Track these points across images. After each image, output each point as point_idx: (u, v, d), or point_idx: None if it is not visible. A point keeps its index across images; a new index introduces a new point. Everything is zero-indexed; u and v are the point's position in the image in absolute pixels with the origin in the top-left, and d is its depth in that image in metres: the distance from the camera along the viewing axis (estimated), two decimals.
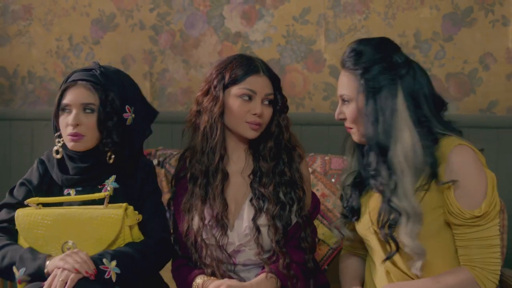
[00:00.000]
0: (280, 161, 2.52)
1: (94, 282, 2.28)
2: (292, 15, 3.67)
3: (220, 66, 2.55)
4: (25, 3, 3.92)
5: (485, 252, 2.21)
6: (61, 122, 2.52)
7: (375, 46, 2.36)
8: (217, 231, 2.43)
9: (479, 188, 2.22)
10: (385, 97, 2.26)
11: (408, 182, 2.22)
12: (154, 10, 3.80)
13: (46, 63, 3.94)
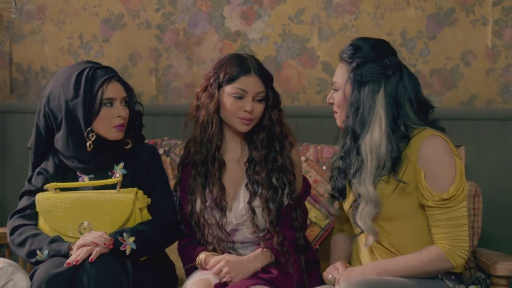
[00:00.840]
0: (272, 149, 2.70)
1: (108, 255, 2.49)
2: (287, 15, 3.77)
3: (217, 66, 2.73)
4: (39, 3, 4.01)
5: (454, 231, 2.39)
6: (104, 115, 2.66)
7: (372, 45, 2.54)
8: (217, 212, 2.65)
9: (448, 174, 2.40)
10: (368, 92, 2.45)
11: (368, 170, 2.41)
12: (159, 10, 3.90)
13: (58, 59, 4.03)
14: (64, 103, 2.66)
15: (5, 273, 2.42)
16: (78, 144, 2.68)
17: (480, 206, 2.94)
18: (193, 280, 2.56)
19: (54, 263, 2.52)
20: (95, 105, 2.64)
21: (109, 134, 2.67)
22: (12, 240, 2.66)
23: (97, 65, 2.74)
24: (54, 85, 2.73)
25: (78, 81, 2.67)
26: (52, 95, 2.70)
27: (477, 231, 2.92)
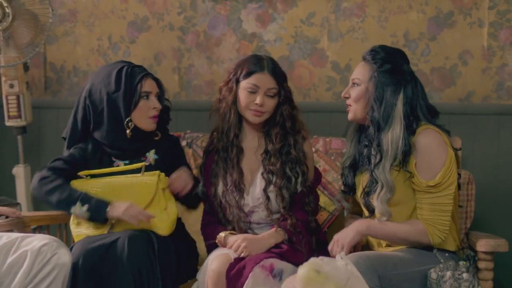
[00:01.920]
0: (286, 143, 2.93)
1: (138, 233, 2.76)
2: (299, 18, 3.90)
3: (238, 64, 2.97)
4: (70, 7, 4.15)
5: (436, 215, 2.65)
6: (141, 106, 2.91)
7: (391, 51, 2.80)
8: (236, 194, 2.91)
9: (436, 164, 2.65)
10: (390, 92, 2.71)
11: (388, 161, 2.68)
12: (181, 13, 4.03)
13: (88, 59, 4.18)
14: (106, 95, 2.90)
15: (51, 247, 2.63)
16: (118, 132, 2.93)
17: (473, 192, 3.12)
18: (215, 255, 2.81)
19: (90, 240, 2.80)
20: (134, 98, 2.90)
21: (145, 124, 2.93)
22: (40, 187, 2.87)
23: (132, 64, 2.99)
24: (94, 81, 2.96)
25: (118, 77, 2.91)
26: (94, 89, 2.94)
27: (470, 215, 3.11)
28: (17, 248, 2.66)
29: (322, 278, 1.97)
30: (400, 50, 2.87)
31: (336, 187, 3.34)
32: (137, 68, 2.98)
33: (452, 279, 2.57)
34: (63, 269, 2.65)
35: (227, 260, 2.73)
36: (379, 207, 2.69)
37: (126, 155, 2.97)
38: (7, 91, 3.85)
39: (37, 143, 4.23)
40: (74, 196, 2.84)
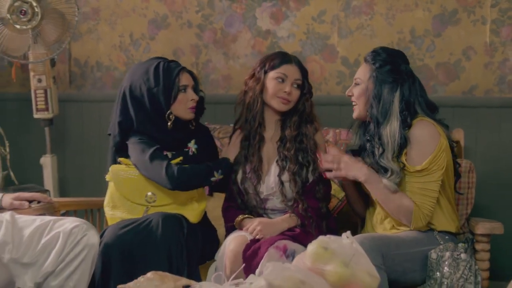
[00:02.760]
0: (301, 132, 3.12)
1: (171, 217, 2.96)
2: (311, 16, 4.04)
3: (263, 59, 3.17)
4: (94, 6, 4.31)
5: (423, 199, 2.83)
6: (180, 99, 3.07)
7: (391, 53, 2.99)
8: (254, 180, 3.10)
9: (426, 151, 2.82)
10: (388, 90, 2.89)
11: (389, 152, 2.87)
12: (199, 11, 4.18)
13: (111, 55, 4.33)
14: (146, 91, 3.06)
15: (81, 229, 2.84)
16: (160, 125, 3.09)
17: (473, 180, 3.28)
18: (232, 236, 3.02)
19: (124, 222, 3.00)
20: (173, 92, 3.06)
21: (185, 115, 3.11)
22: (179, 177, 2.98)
23: (166, 59, 3.15)
24: (132, 78, 3.11)
25: (156, 73, 3.07)
26: (133, 86, 3.09)
27: (470, 201, 3.27)
28: (50, 229, 2.87)
29: (329, 254, 2.17)
30: (400, 51, 3.05)
31: None
32: (173, 63, 3.14)
33: (450, 259, 2.76)
34: (92, 249, 2.86)
35: (244, 241, 2.93)
36: (387, 184, 2.86)
37: (170, 146, 3.13)
38: (35, 86, 4.02)
39: (62, 134, 4.41)
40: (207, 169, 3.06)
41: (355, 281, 2.17)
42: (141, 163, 3.07)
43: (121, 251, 2.92)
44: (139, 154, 3.07)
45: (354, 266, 2.18)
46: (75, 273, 2.83)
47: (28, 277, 2.83)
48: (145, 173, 3.08)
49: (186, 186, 3.06)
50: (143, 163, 3.06)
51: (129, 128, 3.13)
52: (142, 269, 2.55)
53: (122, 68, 4.34)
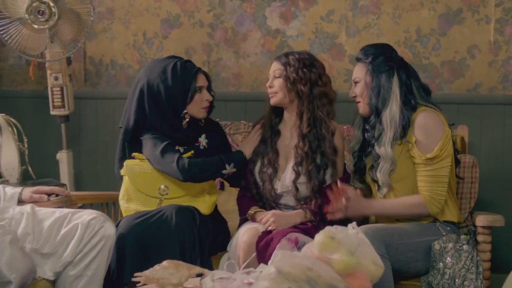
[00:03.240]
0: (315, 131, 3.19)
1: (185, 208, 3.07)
2: (319, 15, 4.13)
3: None
4: (108, 6, 4.41)
5: (434, 186, 2.95)
6: (196, 99, 3.19)
7: (379, 46, 3.12)
8: (271, 172, 3.21)
9: (434, 139, 2.94)
10: (385, 78, 3.02)
11: (388, 135, 2.98)
12: (211, 11, 4.27)
13: (125, 53, 4.43)
14: (164, 90, 3.17)
15: (98, 221, 2.96)
16: (175, 123, 3.22)
17: (477, 175, 3.37)
18: (245, 228, 3.12)
19: (139, 214, 3.12)
20: (190, 92, 3.19)
21: (198, 114, 3.24)
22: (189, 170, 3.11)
23: (181, 59, 3.26)
24: (150, 76, 3.21)
25: (174, 73, 3.18)
26: (151, 84, 3.19)
27: (474, 195, 3.36)
28: (69, 221, 2.99)
29: (336, 243, 2.28)
30: (386, 44, 3.18)
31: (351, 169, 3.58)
32: (188, 63, 3.26)
33: (453, 250, 2.87)
34: (109, 240, 2.99)
35: (256, 233, 3.04)
36: (381, 179, 3.00)
37: (182, 142, 3.24)
38: (52, 83, 4.14)
39: (77, 130, 4.51)
40: (218, 162, 3.18)
41: (360, 269, 2.28)
42: (154, 157, 3.19)
43: (135, 241, 3.04)
44: (151, 149, 3.19)
45: (360, 255, 2.29)
46: (92, 263, 2.96)
47: (48, 267, 2.96)
48: (158, 167, 3.20)
49: (197, 177, 3.17)
50: (155, 157, 3.18)
51: (144, 124, 3.24)
52: (156, 259, 2.67)
53: (135, 66, 4.43)
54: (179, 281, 2.45)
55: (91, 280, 2.96)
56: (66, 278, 2.96)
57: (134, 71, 4.42)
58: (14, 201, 3.21)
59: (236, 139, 3.71)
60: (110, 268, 3.06)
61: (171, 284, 2.44)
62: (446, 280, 2.83)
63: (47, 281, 2.98)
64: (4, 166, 3.91)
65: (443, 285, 2.83)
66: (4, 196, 3.23)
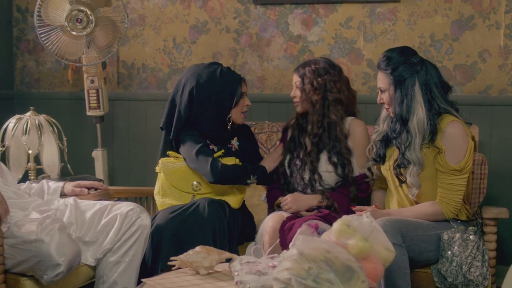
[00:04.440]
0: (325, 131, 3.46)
1: (215, 203, 3.31)
2: (339, 22, 4.29)
3: None
4: (140, 13, 4.61)
5: (453, 194, 3.16)
6: (240, 104, 3.44)
7: (399, 52, 3.27)
8: (299, 164, 3.49)
9: (461, 151, 3.13)
10: (407, 87, 3.19)
11: (417, 141, 3.17)
12: (236, 18, 4.46)
13: (155, 57, 4.63)
14: (214, 94, 3.42)
15: (135, 212, 3.23)
16: (221, 125, 3.47)
17: (485, 172, 3.55)
18: (271, 215, 3.40)
19: (173, 208, 3.36)
20: (236, 97, 3.44)
21: (238, 119, 3.50)
22: (222, 174, 3.36)
23: (222, 65, 3.51)
24: (199, 80, 3.44)
25: (223, 78, 3.44)
26: (200, 88, 3.43)
27: (482, 191, 3.54)
28: (109, 212, 3.27)
29: (351, 230, 2.53)
30: (406, 46, 3.31)
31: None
32: (232, 70, 3.52)
33: (460, 240, 3.10)
34: (145, 229, 3.26)
35: (281, 219, 3.31)
36: (410, 180, 3.19)
37: (216, 142, 3.50)
38: (88, 86, 4.38)
39: (110, 131, 4.74)
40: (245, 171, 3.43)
41: (374, 253, 2.53)
42: (189, 156, 3.45)
43: (171, 231, 3.29)
44: (187, 148, 3.46)
45: (373, 241, 2.54)
46: (130, 250, 3.23)
47: (89, 254, 3.23)
48: (192, 165, 3.46)
49: (226, 181, 3.43)
50: (191, 156, 3.44)
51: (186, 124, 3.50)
52: (189, 247, 2.90)
53: (165, 69, 4.64)
54: (210, 264, 2.71)
55: (129, 265, 3.23)
56: (106, 264, 3.23)
57: (164, 74, 4.63)
58: (57, 194, 3.50)
59: (261, 138, 3.94)
60: (146, 256, 3.32)
61: (203, 267, 2.70)
62: (453, 267, 3.07)
63: (88, 267, 3.26)
64: (45, 163, 4.18)
65: (451, 272, 3.07)
66: (48, 189, 3.52)
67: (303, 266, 2.27)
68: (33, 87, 4.95)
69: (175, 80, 4.60)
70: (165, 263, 3.10)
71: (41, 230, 2.90)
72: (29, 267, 2.95)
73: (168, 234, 3.29)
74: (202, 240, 3.15)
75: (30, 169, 4.16)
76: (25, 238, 2.92)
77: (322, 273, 2.26)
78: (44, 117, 4.19)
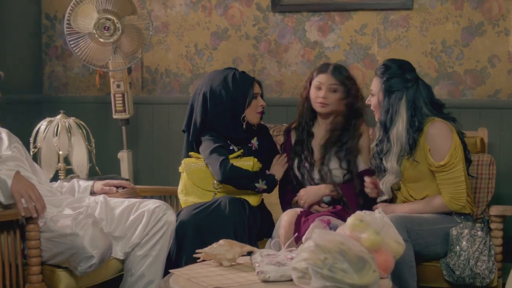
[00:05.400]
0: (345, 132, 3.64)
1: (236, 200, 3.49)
2: (354, 29, 4.42)
3: (312, 70, 3.72)
4: (163, 20, 4.77)
5: (453, 187, 3.33)
6: (253, 105, 3.60)
7: (398, 65, 3.43)
8: (308, 166, 3.66)
9: (444, 147, 3.31)
10: (394, 99, 3.37)
11: (394, 153, 3.35)
12: (256, 25, 4.60)
13: (178, 63, 4.77)
14: (226, 96, 3.61)
15: (162, 209, 3.43)
16: (237, 125, 3.65)
17: (494, 172, 3.72)
18: (286, 211, 3.58)
19: (196, 205, 3.54)
20: (248, 98, 3.61)
21: (254, 119, 3.67)
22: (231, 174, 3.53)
23: (237, 70, 3.68)
24: (212, 84, 3.64)
25: (234, 80, 3.62)
26: (214, 90, 3.63)
27: (491, 190, 3.72)
28: (136, 209, 3.47)
29: (364, 225, 2.72)
30: (406, 61, 3.46)
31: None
32: (245, 73, 3.68)
33: (468, 235, 3.29)
34: (171, 225, 3.46)
35: (295, 214, 3.51)
36: (383, 189, 3.40)
37: (236, 142, 3.68)
38: (114, 90, 4.56)
39: (135, 133, 4.90)
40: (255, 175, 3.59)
41: (385, 246, 2.72)
42: (204, 155, 3.65)
43: (194, 227, 3.48)
44: (204, 148, 3.66)
45: (384, 235, 2.73)
46: (157, 244, 3.43)
47: (119, 248, 3.43)
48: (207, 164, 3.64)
49: (233, 182, 3.59)
50: (205, 155, 3.64)
51: (205, 126, 3.68)
52: (211, 242, 3.06)
53: (188, 74, 4.80)
54: (233, 256, 2.91)
55: (156, 259, 3.43)
56: (134, 258, 3.43)
57: (187, 79, 4.80)
58: (87, 192, 3.71)
59: (279, 140, 4.10)
60: (170, 250, 3.51)
61: (226, 259, 2.90)
62: (461, 261, 3.25)
63: (117, 260, 3.46)
64: (75, 163, 4.40)
65: (459, 265, 3.26)
66: (79, 188, 3.72)
67: (319, 256, 2.47)
68: (60, 91, 5.13)
69: (196, 84, 4.67)
70: (189, 257, 3.30)
71: (76, 224, 3.11)
72: (64, 259, 3.15)
73: (191, 230, 3.47)
74: (223, 236, 3.27)
75: (60, 169, 4.37)
76: (61, 232, 3.13)
77: (337, 263, 2.45)
78: (74, 120, 4.39)
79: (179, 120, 4.35)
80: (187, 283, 2.70)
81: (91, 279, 3.32)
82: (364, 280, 2.44)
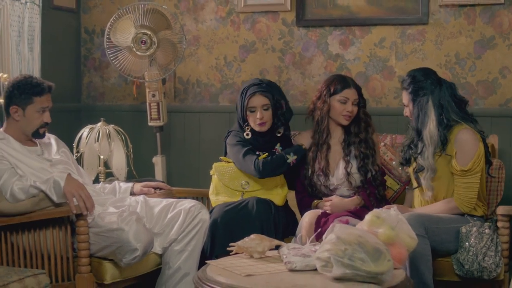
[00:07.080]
0: (363, 135, 3.92)
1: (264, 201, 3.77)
2: (373, 42, 4.64)
3: (327, 82, 3.93)
4: (194, 34, 5.02)
5: (467, 192, 3.61)
6: (249, 116, 3.84)
7: (419, 73, 3.71)
8: (322, 177, 3.94)
9: (470, 154, 3.58)
10: (422, 104, 3.65)
11: (430, 150, 3.63)
12: (281, 39, 4.83)
13: (208, 74, 5.01)
14: (237, 107, 3.96)
15: (197, 208, 3.73)
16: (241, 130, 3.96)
17: (503, 176, 3.98)
18: (307, 212, 3.85)
19: (226, 204, 3.83)
20: (244, 111, 3.88)
21: (255, 127, 3.92)
22: (265, 168, 3.79)
23: (253, 84, 3.93)
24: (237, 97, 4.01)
25: (242, 93, 3.94)
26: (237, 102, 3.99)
27: (500, 193, 3.98)
28: (173, 208, 3.78)
29: (380, 221, 3.03)
30: (427, 68, 3.72)
31: (399, 172, 4.27)
32: (253, 87, 3.90)
33: (476, 233, 3.57)
34: (205, 223, 3.76)
35: (316, 214, 3.79)
36: (424, 184, 3.68)
37: (260, 148, 3.93)
38: (150, 99, 4.83)
39: (168, 140, 5.14)
40: (280, 156, 3.84)
41: (399, 240, 3.03)
42: (237, 160, 3.93)
43: (225, 225, 3.76)
44: (236, 153, 3.94)
45: (398, 230, 3.04)
46: (192, 240, 3.73)
47: (157, 243, 3.74)
48: (240, 167, 3.94)
49: (270, 173, 3.87)
50: (238, 160, 3.92)
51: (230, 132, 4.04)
52: (241, 238, 3.31)
53: (217, 85, 5.04)
54: (262, 249, 3.22)
55: (191, 254, 3.74)
56: (172, 252, 3.74)
57: (216, 89, 5.05)
58: (127, 193, 4.03)
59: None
60: (204, 246, 3.81)
61: (256, 252, 3.21)
62: (470, 256, 3.54)
63: (156, 255, 3.78)
64: (114, 167, 4.71)
65: (467, 260, 3.54)
66: (119, 189, 4.05)
67: (340, 247, 2.78)
68: (98, 100, 5.40)
69: (226, 94, 5.04)
70: (220, 250, 3.60)
71: (121, 220, 3.44)
72: (111, 251, 3.48)
73: (222, 227, 3.76)
74: (251, 232, 3.49)
75: (100, 172, 4.68)
76: (108, 227, 3.46)
77: (356, 253, 2.76)
78: (113, 127, 4.71)
79: (209, 127, 4.81)
80: (223, 272, 3.00)
81: (134, 271, 3.64)
82: (379, 268, 2.75)
